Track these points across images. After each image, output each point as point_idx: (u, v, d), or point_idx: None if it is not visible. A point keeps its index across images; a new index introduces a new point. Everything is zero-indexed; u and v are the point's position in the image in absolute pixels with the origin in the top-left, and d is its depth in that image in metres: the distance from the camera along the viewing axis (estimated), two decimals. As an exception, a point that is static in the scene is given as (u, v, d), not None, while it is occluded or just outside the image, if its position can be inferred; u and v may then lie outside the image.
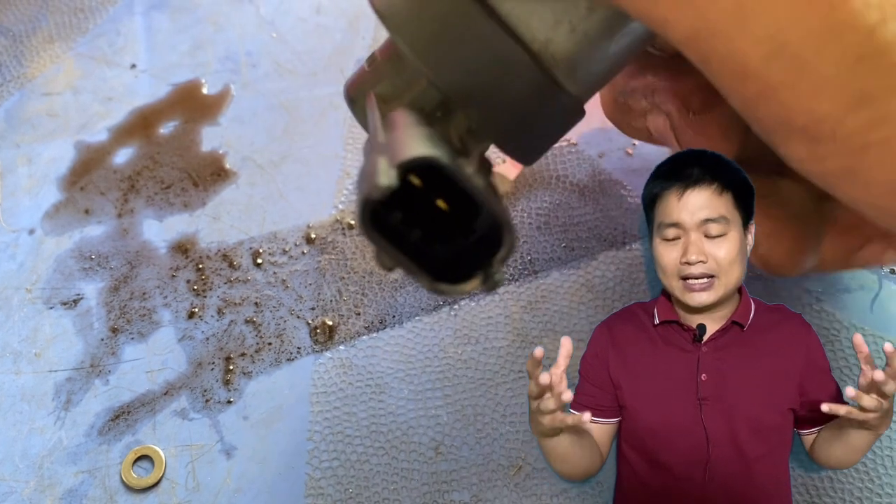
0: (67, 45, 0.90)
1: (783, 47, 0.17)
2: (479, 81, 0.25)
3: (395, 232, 0.23)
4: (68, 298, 0.76)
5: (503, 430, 0.70)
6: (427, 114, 0.26)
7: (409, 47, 0.25)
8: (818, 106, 0.17)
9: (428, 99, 0.26)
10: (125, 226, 0.79)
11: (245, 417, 0.71)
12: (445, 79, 0.25)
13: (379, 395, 0.71)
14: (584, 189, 0.80)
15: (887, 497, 0.66)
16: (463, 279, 0.23)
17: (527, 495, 0.67)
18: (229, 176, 0.82)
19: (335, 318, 0.74)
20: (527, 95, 0.25)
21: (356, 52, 0.88)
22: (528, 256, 0.76)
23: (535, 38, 0.24)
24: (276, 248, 0.78)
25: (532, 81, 0.24)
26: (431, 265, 0.23)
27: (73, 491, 0.68)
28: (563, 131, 0.28)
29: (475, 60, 0.24)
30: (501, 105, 0.25)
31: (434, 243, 0.23)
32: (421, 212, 0.23)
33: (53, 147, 0.84)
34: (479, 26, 0.24)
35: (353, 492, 0.68)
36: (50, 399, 0.72)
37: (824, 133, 0.17)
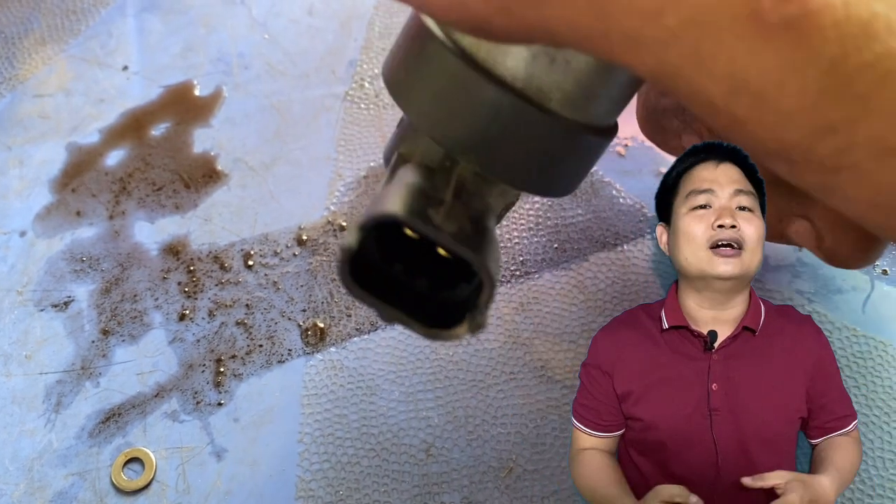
0: (59, 47, 0.89)
1: (744, 85, 0.17)
2: (472, 130, 0.25)
3: (400, 282, 0.25)
4: (59, 300, 0.76)
5: (494, 432, 0.69)
6: (433, 168, 0.27)
7: (401, 105, 0.26)
8: (786, 136, 0.17)
9: (432, 154, 0.27)
10: (116, 228, 0.79)
11: (236, 419, 0.71)
12: (438, 131, 0.25)
13: (370, 396, 0.71)
14: (576, 191, 0.79)
15: (878, 498, 0.66)
16: (454, 324, 0.24)
17: (517, 497, 0.67)
18: (221, 178, 0.82)
19: (326, 320, 0.74)
20: (524, 132, 0.25)
21: (348, 54, 0.88)
22: (520, 258, 0.76)
23: (516, 77, 0.24)
24: (268, 250, 0.78)
25: (525, 120, 0.25)
26: (428, 313, 0.24)
27: (63, 493, 0.68)
28: (585, 158, 0.27)
29: (462, 109, 0.25)
30: (500, 146, 0.25)
31: (440, 288, 0.25)
32: (427, 259, 0.25)
33: (45, 149, 0.84)
34: (461, 76, 0.24)
35: (343, 494, 0.68)
36: (40, 401, 0.72)
37: (797, 157, 0.18)
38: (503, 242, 0.77)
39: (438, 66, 0.24)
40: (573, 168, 0.27)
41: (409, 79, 0.26)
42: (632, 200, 0.79)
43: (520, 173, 0.26)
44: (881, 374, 0.71)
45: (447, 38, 0.24)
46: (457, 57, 0.24)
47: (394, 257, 0.25)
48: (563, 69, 0.24)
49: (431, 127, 0.25)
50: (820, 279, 0.75)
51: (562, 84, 0.24)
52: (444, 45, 0.24)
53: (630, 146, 0.82)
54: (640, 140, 0.82)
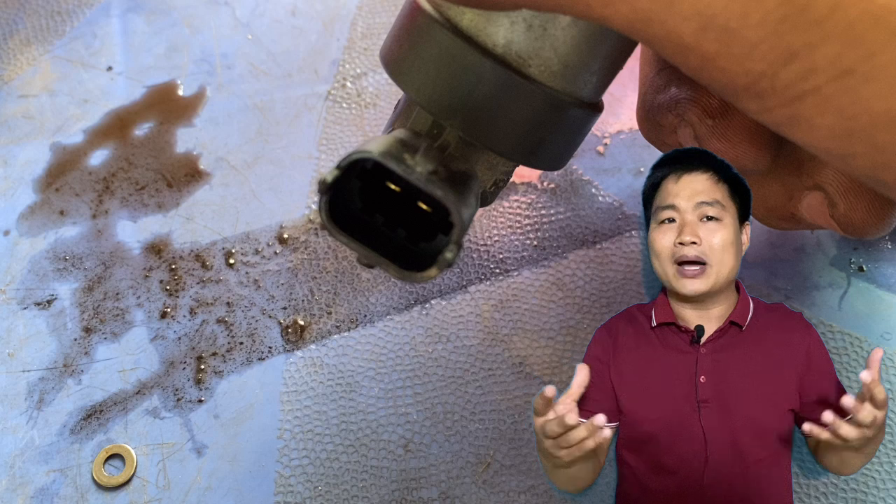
0: (44, 48, 0.90)
1: (711, 20, 0.18)
2: (454, 93, 0.26)
3: (380, 233, 0.26)
4: (42, 299, 0.77)
5: (472, 428, 0.70)
6: (422, 134, 0.28)
7: (392, 75, 0.28)
8: (752, 66, 0.19)
9: (422, 121, 0.28)
10: (100, 227, 0.80)
11: (216, 416, 0.71)
12: (424, 96, 0.27)
13: (349, 393, 0.72)
14: (555, 188, 0.80)
15: (851, 492, 0.67)
16: (427, 267, 0.25)
17: (494, 492, 0.68)
18: (203, 177, 0.82)
19: (307, 318, 0.75)
20: (505, 97, 0.26)
21: (331, 54, 0.89)
22: (500, 255, 0.77)
23: (496, 43, 0.26)
24: (249, 249, 0.78)
25: (504, 83, 0.26)
26: (407, 260, 0.26)
27: (44, 490, 0.69)
28: (567, 130, 0.28)
29: (447, 75, 0.26)
30: (482, 111, 0.26)
31: (419, 239, 0.27)
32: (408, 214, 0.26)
33: (29, 149, 0.84)
34: (443, 42, 0.26)
35: (322, 489, 0.68)
36: (23, 399, 0.72)
37: (764, 88, 0.19)
38: (483, 241, 0.78)
39: (426, 36, 0.26)
40: (555, 138, 0.28)
41: (401, 52, 0.27)
42: (611, 199, 0.80)
43: (500, 138, 0.27)
44: (856, 369, 0.71)
45: (434, 9, 0.26)
46: (441, 26, 0.26)
47: (375, 209, 0.26)
48: (540, 35, 0.25)
49: (419, 93, 0.27)
50: (797, 276, 0.76)
51: (539, 51, 0.26)
52: (431, 17, 0.26)
53: (609, 144, 0.82)
54: (619, 138, 0.83)
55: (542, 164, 0.29)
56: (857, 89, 0.18)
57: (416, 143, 0.26)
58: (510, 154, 0.28)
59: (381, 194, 0.26)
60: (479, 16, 0.25)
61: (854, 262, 0.76)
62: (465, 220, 0.24)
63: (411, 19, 0.27)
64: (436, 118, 0.27)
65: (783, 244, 0.77)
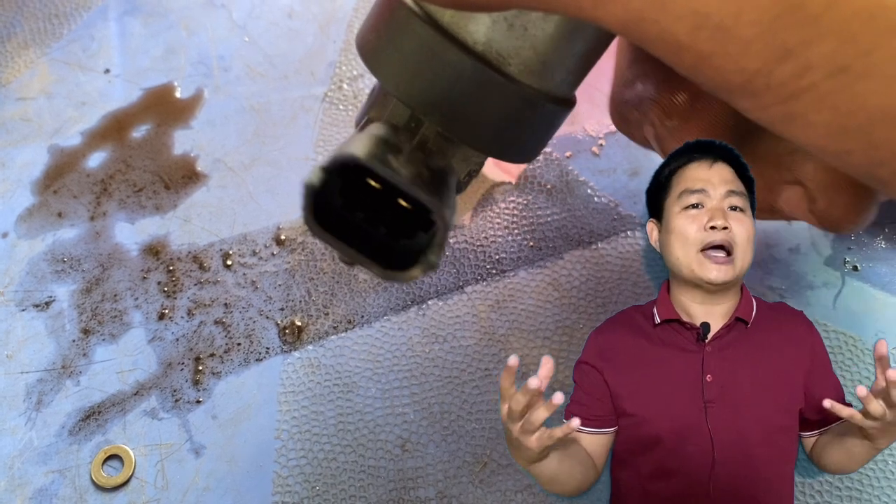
0: (42, 51, 0.90)
1: (705, 19, 0.18)
2: (434, 89, 0.26)
3: (362, 231, 0.26)
4: (40, 301, 0.77)
5: (469, 427, 0.70)
6: (399, 127, 0.28)
7: (370, 67, 0.28)
8: (747, 65, 0.19)
9: (399, 114, 0.28)
10: (97, 229, 0.80)
11: (214, 417, 0.72)
12: (403, 90, 0.27)
13: (347, 393, 0.72)
14: (551, 189, 0.81)
15: (847, 490, 0.67)
16: (409, 265, 0.25)
17: (491, 491, 0.68)
18: (200, 179, 0.83)
19: (304, 319, 0.75)
20: (484, 95, 0.26)
21: (327, 56, 0.89)
22: (496, 256, 0.77)
23: (477, 41, 0.26)
24: (246, 250, 0.79)
25: (484, 82, 0.26)
26: (389, 258, 0.26)
27: (43, 490, 0.69)
28: (542, 126, 0.29)
29: (427, 71, 0.26)
30: (461, 107, 0.26)
31: (399, 237, 0.26)
32: (388, 211, 0.26)
33: (27, 151, 0.85)
34: (424, 38, 0.26)
35: (320, 489, 0.69)
36: (21, 400, 0.73)
37: (759, 87, 0.19)
38: (479, 242, 0.78)
39: (406, 30, 0.26)
40: (530, 134, 0.29)
41: (378, 43, 0.27)
42: (606, 199, 0.80)
43: (479, 134, 0.27)
44: (850, 368, 0.72)
45: (414, 3, 0.26)
46: (423, 21, 0.25)
47: (356, 206, 0.26)
48: (521, 35, 0.26)
49: (397, 87, 0.27)
50: (791, 276, 0.76)
51: (520, 50, 0.26)
52: (411, 11, 0.26)
53: (604, 145, 0.83)
54: (614, 139, 0.83)
55: (518, 157, 0.29)
56: (853, 86, 0.18)
57: (398, 142, 0.26)
58: (488, 149, 0.28)
59: (361, 191, 0.26)
60: (460, 13, 0.25)
61: (848, 261, 0.77)
62: (448, 221, 0.25)
63: (390, 11, 0.27)
64: (414, 112, 0.27)
65: (778, 244, 0.78)
